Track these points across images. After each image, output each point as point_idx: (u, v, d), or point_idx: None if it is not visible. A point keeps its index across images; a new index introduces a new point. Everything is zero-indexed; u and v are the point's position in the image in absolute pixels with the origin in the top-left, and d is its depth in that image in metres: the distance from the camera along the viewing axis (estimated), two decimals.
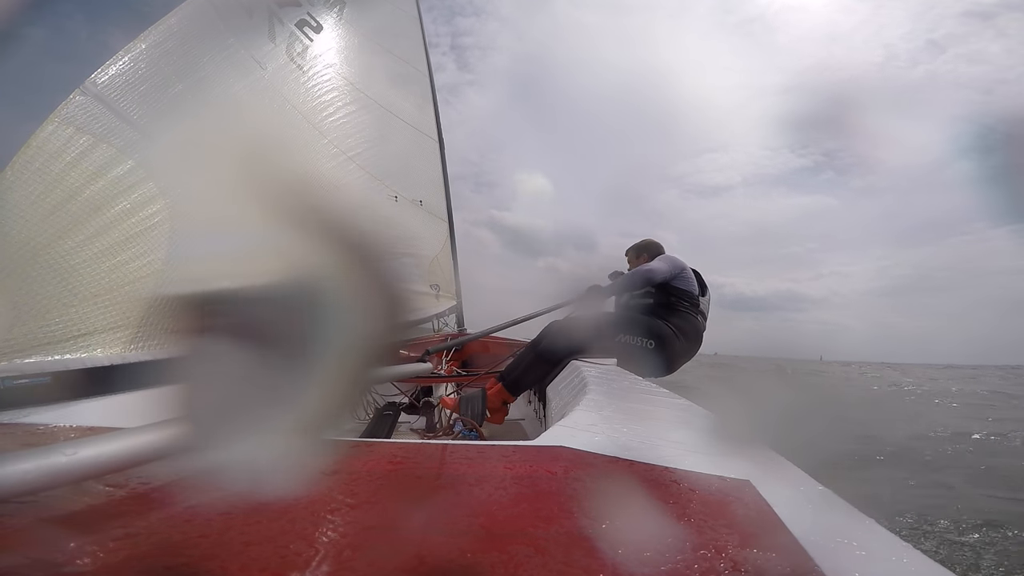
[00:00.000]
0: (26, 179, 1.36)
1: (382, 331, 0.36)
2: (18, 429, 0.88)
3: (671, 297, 2.24)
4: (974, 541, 3.00)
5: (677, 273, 2.26)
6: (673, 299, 2.23)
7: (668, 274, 2.24)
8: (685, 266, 2.33)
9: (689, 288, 2.27)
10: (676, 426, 0.90)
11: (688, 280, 2.28)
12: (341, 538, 0.41)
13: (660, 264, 2.29)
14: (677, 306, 2.23)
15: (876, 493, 3.78)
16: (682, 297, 2.25)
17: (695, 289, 2.28)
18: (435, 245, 3.78)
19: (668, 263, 2.30)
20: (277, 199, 0.35)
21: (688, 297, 2.26)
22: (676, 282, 2.25)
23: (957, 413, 9.23)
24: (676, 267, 2.28)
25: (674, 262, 2.32)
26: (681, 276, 2.26)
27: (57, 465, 0.41)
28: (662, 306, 2.22)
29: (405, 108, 3.67)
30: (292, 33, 2.62)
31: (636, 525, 0.46)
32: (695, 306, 2.26)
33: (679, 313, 2.21)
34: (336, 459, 0.59)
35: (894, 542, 0.45)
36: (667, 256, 2.40)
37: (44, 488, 0.40)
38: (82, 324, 1.35)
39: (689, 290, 2.26)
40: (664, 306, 2.21)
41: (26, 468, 0.40)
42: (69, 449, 0.42)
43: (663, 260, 2.34)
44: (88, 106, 1.53)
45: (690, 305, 2.25)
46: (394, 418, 1.96)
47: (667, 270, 2.25)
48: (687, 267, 2.34)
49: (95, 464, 0.44)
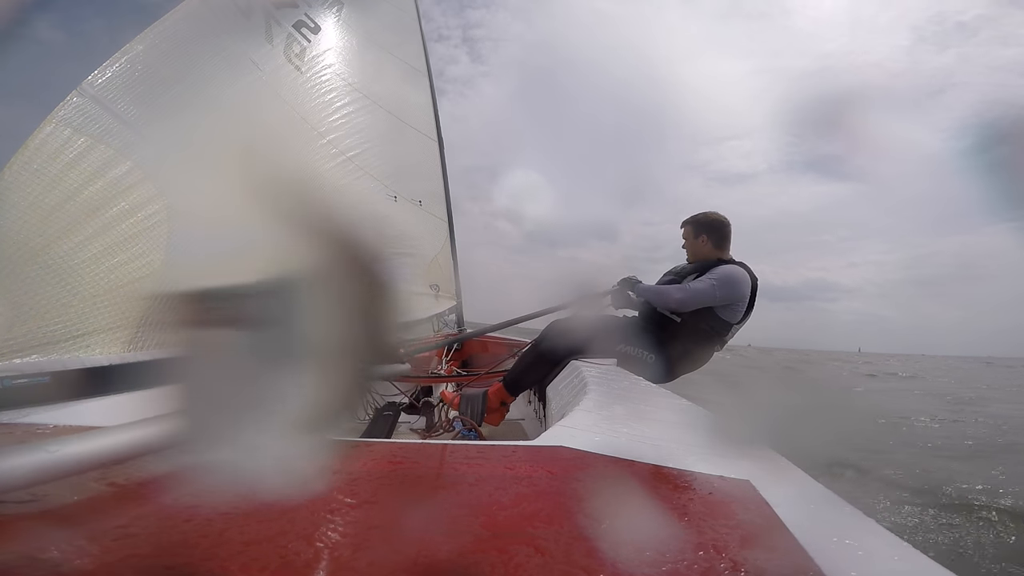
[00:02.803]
0: (24, 180, 1.36)
1: (380, 331, 0.36)
2: (17, 429, 0.88)
3: (703, 324, 1.85)
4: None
5: (732, 303, 1.85)
6: (704, 327, 1.85)
7: (722, 302, 1.84)
8: (746, 290, 1.87)
9: (730, 319, 1.87)
10: (676, 426, 0.90)
11: (735, 311, 1.86)
12: (341, 538, 0.41)
13: (722, 289, 1.83)
14: (704, 335, 1.87)
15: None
16: (716, 327, 1.87)
17: (737, 318, 1.88)
18: (435, 245, 3.77)
19: (730, 287, 1.84)
20: (275, 199, 0.35)
21: (723, 328, 1.88)
22: (721, 311, 1.85)
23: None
24: (734, 294, 1.84)
25: (737, 284, 1.85)
26: (731, 308, 1.85)
27: (42, 461, 0.41)
28: (687, 327, 1.85)
29: (404, 108, 3.67)
30: (290, 34, 2.62)
31: (636, 525, 0.46)
32: (721, 336, 1.89)
33: (700, 343, 1.88)
34: (336, 459, 0.59)
35: (894, 542, 0.45)
36: (733, 274, 1.86)
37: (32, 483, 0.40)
38: (81, 324, 1.35)
39: (729, 321, 1.87)
40: (689, 328, 1.85)
41: (13, 464, 0.39)
42: (52, 446, 0.42)
43: (728, 281, 1.83)
44: (85, 107, 1.53)
45: (717, 337, 1.89)
46: (394, 418, 1.96)
47: (724, 298, 1.83)
48: (750, 287, 1.88)
49: (83, 459, 0.43)
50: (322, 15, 2.91)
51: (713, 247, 1.98)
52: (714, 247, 1.98)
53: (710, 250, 1.98)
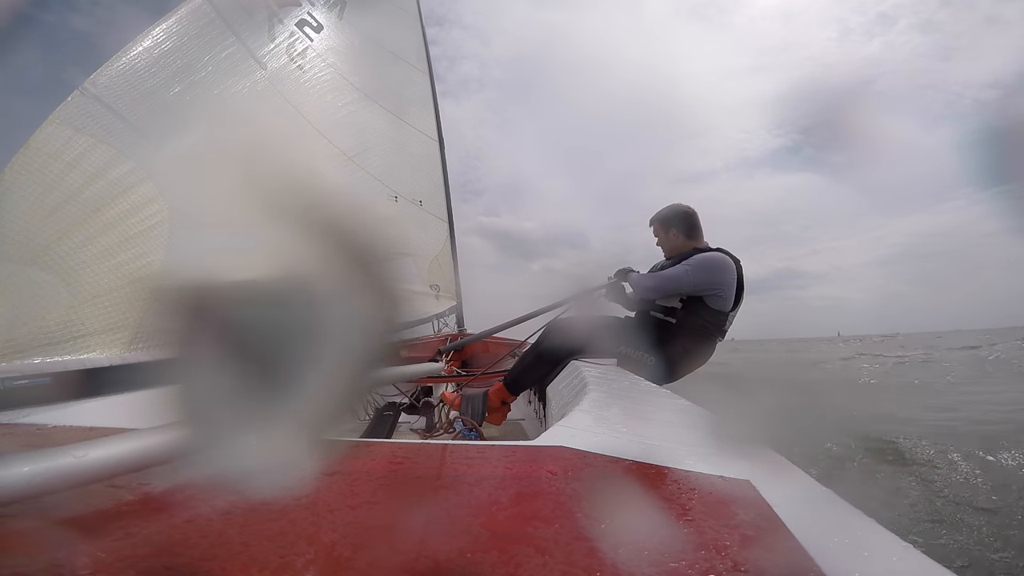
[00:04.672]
0: (25, 180, 1.36)
1: (380, 331, 0.36)
2: (18, 429, 0.88)
3: (698, 320, 1.81)
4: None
5: (715, 289, 1.80)
6: (699, 322, 1.82)
7: (702, 288, 1.80)
8: (729, 275, 1.81)
9: (723, 308, 1.83)
10: (676, 426, 0.90)
11: (725, 298, 1.81)
12: (341, 538, 0.41)
13: (696, 273, 1.80)
14: (701, 331, 1.83)
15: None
16: (712, 320, 1.83)
17: (729, 306, 1.84)
18: (435, 245, 3.78)
19: (706, 271, 1.80)
20: (276, 199, 0.35)
21: (719, 319, 1.84)
22: (711, 301, 1.81)
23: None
24: (713, 279, 1.79)
25: (715, 269, 1.80)
26: (718, 295, 1.80)
27: (65, 467, 0.41)
28: (683, 327, 1.82)
29: (405, 108, 3.68)
30: (292, 33, 2.62)
31: (636, 525, 0.46)
32: (720, 328, 1.86)
33: (699, 339, 1.84)
34: (336, 459, 0.59)
35: (894, 542, 0.45)
36: (710, 259, 1.83)
37: (51, 491, 0.40)
38: (82, 325, 1.35)
39: (722, 310, 1.83)
40: (685, 327, 1.82)
41: (33, 471, 0.40)
42: (79, 451, 0.42)
43: (704, 266, 1.81)
44: (87, 107, 1.53)
45: (715, 330, 1.85)
46: (394, 418, 1.96)
47: (700, 283, 1.80)
48: (733, 271, 1.83)
49: (104, 467, 0.44)
50: (325, 14, 2.91)
51: (686, 238, 1.96)
52: (687, 238, 1.96)
53: (683, 242, 1.96)
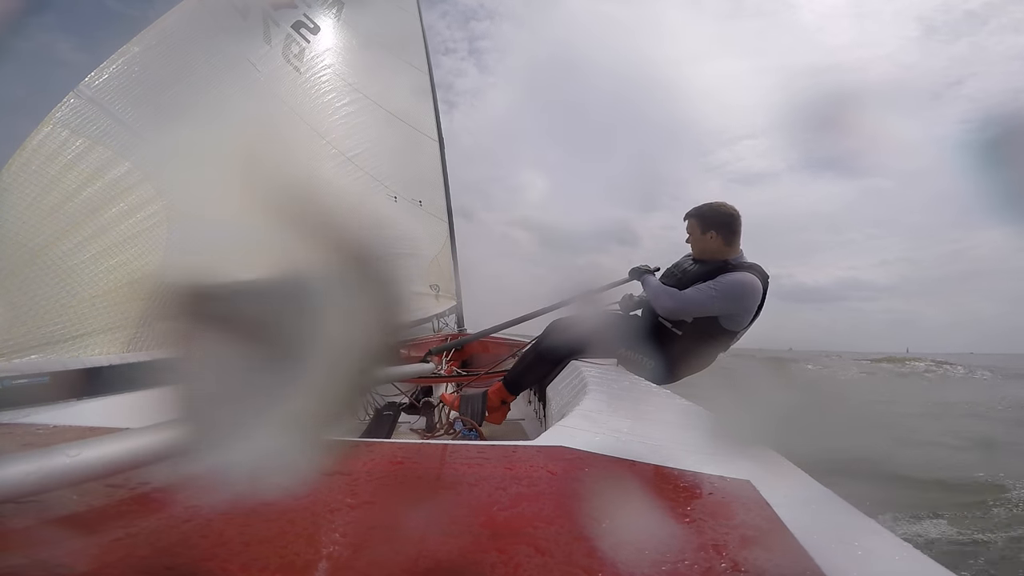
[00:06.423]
0: (23, 181, 1.36)
1: (380, 331, 0.36)
2: (18, 429, 0.88)
3: (706, 335, 1.71)
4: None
5: (735, 315, 1.68)
6: (707, 337, 1.71)
7: (722, 313, 1.67)
8: (753, 301, 1.67)
9: (734, 328, 1.71)
10: (676, 426, 0.90)
11: (740, 320, 1.69)
12: (341, 538, 0.41)
13: (722, 300, 1.64)
14: (704, 344, 1.73)
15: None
16: (720, 337, 1.72)
17: (742, 327, 1.72)
18: (435, 245, 3.77)
19: (733, 300, 1.65)
20: (274, 199, 0.35)
21: (727, 337, 1.72)
22: (725, 321, 1.68)
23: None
24: (737, 306, 1.66)
25: (743, 297, 1.65)
26: (736, 318, 1.68)
27: (60, 466, 0.41)
28: (688, 337, 1.72)
29: (405, 108, 3.67)
30: (288, 35, 2.62)
31: (636, 525, 0.46)
32: (726, 344, 1.76)
33: (701, 350, 1.74)
34: (336, 459, 0.59)
35: (894, 542, 0.45)
36: (740, 286, 1.64)
37: (47, 489, 0.40)
38: (81, 325, 1.35)
39: (733, 330, 1.71)
40: (690, 338, 1.72)
41: (28, 469, 0.40)
42: (72, 450, 0.42)
43: (732, 294, 1.64)
44: (83, 109, 1.53)
45: (721, 346, 1.75)
46: (394, 418, 1.96)
47: (724, 311, 1.66)
48: (759, 296, 1.68)
49: (98, 465, 0.44)
50: (321, 15, 2.91)
51: (724, 244, 1.74)
52: (725, 244, 1.74)
53: (720, 247, 1.74)
